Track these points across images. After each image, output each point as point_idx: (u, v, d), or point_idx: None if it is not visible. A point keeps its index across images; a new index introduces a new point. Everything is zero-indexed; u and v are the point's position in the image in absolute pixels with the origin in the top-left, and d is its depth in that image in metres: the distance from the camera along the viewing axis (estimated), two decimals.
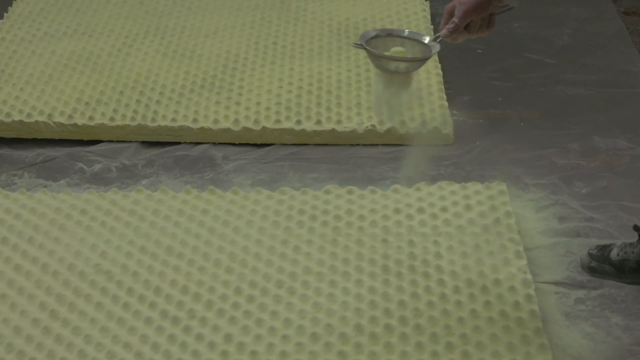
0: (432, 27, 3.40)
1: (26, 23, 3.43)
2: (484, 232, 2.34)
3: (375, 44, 2.08)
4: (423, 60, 2.07)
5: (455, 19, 1.99)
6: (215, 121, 2.84)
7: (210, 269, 2.23)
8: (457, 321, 2.06)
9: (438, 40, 2.06)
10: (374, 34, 2.11)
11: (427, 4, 3.58)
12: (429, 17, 3.48)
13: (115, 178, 2.68)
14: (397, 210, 2.42)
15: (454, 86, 3.11)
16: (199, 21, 3.45)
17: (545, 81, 3.16)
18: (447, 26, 2.00)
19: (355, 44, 2.08)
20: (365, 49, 2.05)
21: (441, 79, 3.05)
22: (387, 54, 2.06)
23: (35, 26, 3.41)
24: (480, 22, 2.01)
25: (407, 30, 2.13)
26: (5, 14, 3.51)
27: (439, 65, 3.13)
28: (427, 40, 2.08)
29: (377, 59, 2.07)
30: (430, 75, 3.06)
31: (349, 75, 3.07)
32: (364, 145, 2.82)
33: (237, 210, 2.43)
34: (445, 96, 2.95)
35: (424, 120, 2.82)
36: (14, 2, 3.60)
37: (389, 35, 2.12)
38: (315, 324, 2.07)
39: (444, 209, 2.43)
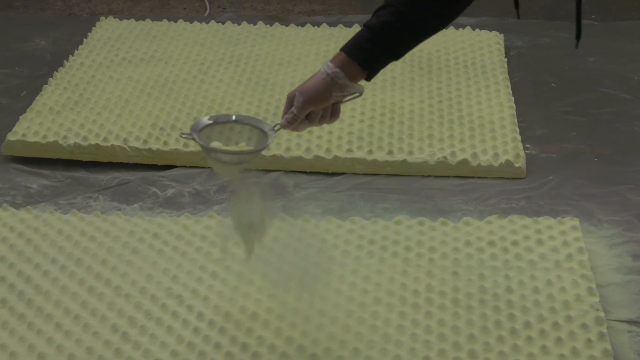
0: (505, 59, 3.39)
1: (104, 49, 3.50)
2: (555, 267, 2.32)
3: (210, 132, 1.95)
4: (254, 153, 1.93)
5: (294, 110, 1.89)
6: (287, 149, 2.86)
7: (279, 296, 2.23)
8: (528, 357, 2.04)
9: (276, 129, 1.95)
10: (208, 122, 1.96)
11: (502, 36, 3.58)
12: (502, 50, 3.47)
13: (187, 203, 2.71)
14: (468, 243, 2.41)
15: (527, 119, 3.09)
16: (273, 50, 3.49)
17: (620, 116, 3.12)
18: (286, 116, 1.91)
19: (182, 134, 1.97)
20: (194, 140, 1.90)
21: (514, 112, 3.03)
22: (215, 146, 1.92)
23: (113, 52, 3.47)
24: (322, 112, 1.92)
25: (236, 116, 2.00)
26: (84, 40, 3.58)
27: (512, 99, 3.11)
28: (266, 128, 1.97)
29: (208, 151, 1.92)
30: (503, 108, 3.04)
31: (421, 106, 3.07)
32: (435, 176, 2.81)
33: (308, 239, 2.43)
34: (517, 129, 2.94)
35: (495, 153, 2.81)
36: (93, 28, 3.68)
37: (226, 122, 1.99)
38: (383, 355, 2.06)
39: (515, 243, 2.41)
